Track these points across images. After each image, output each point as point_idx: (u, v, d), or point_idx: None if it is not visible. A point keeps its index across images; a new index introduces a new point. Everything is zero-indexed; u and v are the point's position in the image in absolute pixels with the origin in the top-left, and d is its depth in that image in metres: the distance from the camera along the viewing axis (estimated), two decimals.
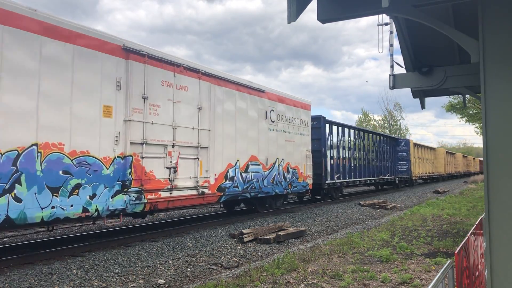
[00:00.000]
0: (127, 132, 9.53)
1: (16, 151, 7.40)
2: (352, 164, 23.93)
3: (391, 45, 9.08)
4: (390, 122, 72.52)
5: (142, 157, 9.90)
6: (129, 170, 9.55)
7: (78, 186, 8.37)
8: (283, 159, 15.56)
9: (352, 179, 23.70)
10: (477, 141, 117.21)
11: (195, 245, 10.36)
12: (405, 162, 34.59)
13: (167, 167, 10.60)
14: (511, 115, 3.54)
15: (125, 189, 9.39)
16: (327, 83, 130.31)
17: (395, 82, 8.96)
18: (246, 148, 13.75)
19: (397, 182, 32.86)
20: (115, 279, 7.57)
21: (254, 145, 14.05)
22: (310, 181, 17.63)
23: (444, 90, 9.62)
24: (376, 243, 10.24)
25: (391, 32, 8.96)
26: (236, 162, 13.27)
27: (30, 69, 7.66)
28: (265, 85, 14.90)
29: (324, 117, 20.41)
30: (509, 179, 3.50)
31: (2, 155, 7.19)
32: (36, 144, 7.69)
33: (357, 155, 25.24)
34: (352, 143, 24.24)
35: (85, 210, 8.51)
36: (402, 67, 8.99)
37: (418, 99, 10.56)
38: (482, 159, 74.61)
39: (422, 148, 41.75)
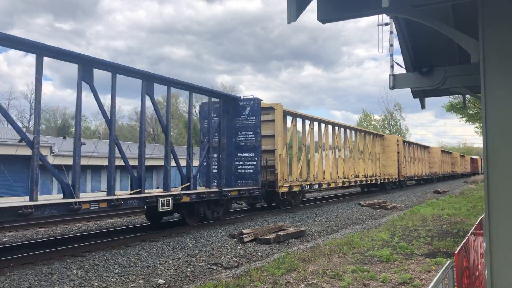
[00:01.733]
0: None
1: None
2: None
3: (391, 45, 9.07)
4: (390, 122, 72.60)
5: None
6: None
7: None
8: None
9: None
10: (477, 141, 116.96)
11: (195, 245, 10.35)
12: (251, 154, 15.44)
13: None
14: (511, 115, 3.54)
15: None
16: (327, 83, 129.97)
17: (395, 82, 8.96)
18: None
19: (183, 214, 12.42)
20: (115, 279, 7.57)
21: None
22: None
23: (444, 90, 9.62)
24: (376, 243, 10.24)
25: (391, 32, 8.95)
26: None
27: None
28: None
29: None
30: (509, 179, 3.50)
31: None
32: None
33: None
34: None
35: None
36: (402, 67, 8.99)
37: (418, 99, 10.56)
38: (474, 157, 70.48)
39: (342, 130, 22.72)
